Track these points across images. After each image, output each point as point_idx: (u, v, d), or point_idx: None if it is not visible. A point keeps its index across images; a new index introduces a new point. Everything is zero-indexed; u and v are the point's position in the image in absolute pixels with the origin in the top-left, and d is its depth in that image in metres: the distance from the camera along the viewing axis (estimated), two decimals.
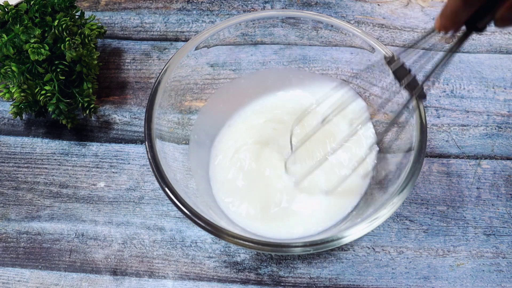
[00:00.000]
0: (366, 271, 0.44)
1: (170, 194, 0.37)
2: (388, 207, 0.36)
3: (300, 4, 0.62)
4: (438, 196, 0.48)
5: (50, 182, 0.50)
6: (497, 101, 0.53)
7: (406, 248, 0.45)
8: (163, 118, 0.43)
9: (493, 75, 0.55)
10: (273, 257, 0.45)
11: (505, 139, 0.51)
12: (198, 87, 0.48)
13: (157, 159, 0.39)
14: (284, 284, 0.44)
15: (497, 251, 0.45)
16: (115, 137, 0.52)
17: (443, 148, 0.51)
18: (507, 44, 0.57)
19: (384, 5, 0.61)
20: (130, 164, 0.50)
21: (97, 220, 0.47)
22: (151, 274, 0.45)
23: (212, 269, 0.45)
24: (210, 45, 0.46)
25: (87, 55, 0.49)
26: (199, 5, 0.61)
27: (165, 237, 0.46)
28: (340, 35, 0.45)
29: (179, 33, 0.59)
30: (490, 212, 0.47)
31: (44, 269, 0.45)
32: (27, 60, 0.47)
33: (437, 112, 0.53)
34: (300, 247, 0.35)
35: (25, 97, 0.48)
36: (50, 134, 0.52)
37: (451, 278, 0.44)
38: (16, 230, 0.47)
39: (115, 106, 0.54)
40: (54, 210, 0.48)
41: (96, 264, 0.45)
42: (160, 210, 0.48)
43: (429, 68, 0.36)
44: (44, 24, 0.48)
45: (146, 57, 0.57)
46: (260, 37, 0.48)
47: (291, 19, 0.46)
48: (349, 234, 0.36)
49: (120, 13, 0.61)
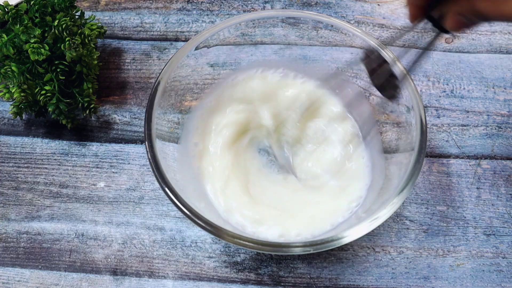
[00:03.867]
0: (366, 271, 0.44)
1: (170, 194, 0.37)
2: (388, 207, 0.37)
3: (300, 4, 0.62)
4: (438, 196, 0.48)
5: (50, 182, 0.50)
6: (497, 101, 0.53)
7: (406, 248, 0.45)
8: (163, 118, 0.43)
9: (493, 75, 0.55)
10: (273, 257, 0.45)
11: (505, 139, 0.51)
12: (198, 87, 0.48)
13: (157, 159, 0.39)
14: (284, 284, 0.44)
15: (497, 251, 0.45)
16: (115, 137, 0.52)
17: (443, 148, 0.51)
18: (507, 44, 0.57)
19: (384, 5, 0.61)
20: (130, 164, 0.50)
21: (97, 220, 0.47)
22: (151, 274, 0.45)
23: (212, 269, 0.45)
24: (210, 45, 0.46)
25: (87, 55, 0.49)
26: (199, 5, 0.61)
27: (165, 237, 0.46)
28: (340, 35, 0.45)
29: (179, 33, 0.59)
30: (490, 212, 0.47)
31: (44, 269, 0.45)
32: (27, 60, 0.47)
33: (437, 112, 0.53)
34: (300, 247, 0.35)
35: (25, 97, 0.48)
36: (50, 134, 0.52)
37: (451, 278, 0.44)
38: (16, 230, 0.47)
39: (115, 106, 0.54)
40: (54, 210, 0.48)
41: (96, 264, 0.45)
42: (160, 210, 0.48)
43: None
44: (44, 24, 0.48)
45: (146, 57, 0.57)
46: (260, 37, 0.48)
47: (291, 19, 0.46)
48: (349, 234, 0.36)
49: (120, 13, 0.61)
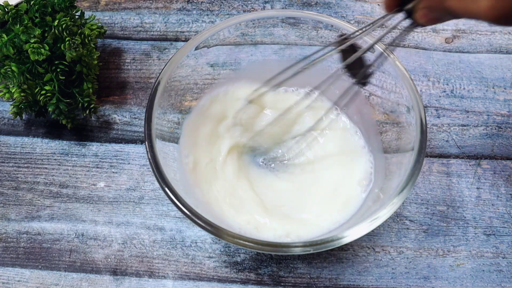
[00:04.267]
0: (366, 271, 0.44)
1: (170, 194, 0.37)
2: (388, 207, 0.36)
3: (300, 4, 0.62)
4: (438, 196, 0.48)
5: (50, 182, 0.50)
6: (497, 101, 0.53)
7: (406, 248, 0.45)
8: (163, 118, 0.43)
9: (493, 75, 0.55)
10: (273, 257, 0.45)
11: (505, 139, 0.51)
12: (198, 87, 0.48)
13: (157, 159, 0.39)
14: (284, 284, 0.44)
15: (497, 251, 0.45)
16: (115, 137, 0.52)
17: (443, 148, 0.51)
18: (507, 44, 0.57)
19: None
20: (130, 164, 0.50)
21: (97, 220, 0.47)
22: (151, 274, 0.45)
23: (212, 269, 0.45)
24: (210, 45, 0.46)
25: (87, 55, 0.49)
26: (199, 5, 0.61)
27: (165, 237, 0.46)
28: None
29: (179, 33, 0.59)
30: (490, 212, 0.47)
31: (44, 269, 0.45)
32: (27, 60, 0.47)
33: (437, 112, 0.53)
34: (300, 247, 0.35)
35: (25, 97, 0.48)
36: (50, 134, 0.52)
37: (451, 278, 0.44)
38: (16, 230, 0.47)
39: (115, 106, 0.54)
40: (54, 210, 0.48)
41: (96, 264, 0.45)
42: (160, 210, 0.48)
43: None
44: (44, 24, 0.48)
45: (146, 57, 0.57)
46: (260, 37, 0.48)
47: (291, 19, 0.46)
48: (349, 234, 0.36)
49: (120, 13, 0.61)
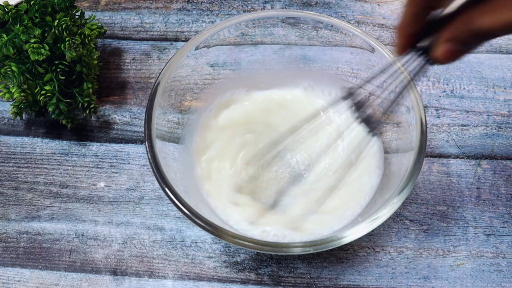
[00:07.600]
0: (366, 271, 0.44)
1: (170, 194, 0.37)
2: (388, 207, 0.36)
3: (300, 4, 0.62)
4: (438, 196, 0.48)
5: (50, 182, 0.50)
6: (497, 101, 0.53)
7: (406, 248, 0.45)
8: (163, 118, 0.43)
9: (493, 75, 0.55)
10: (273, 257, 0.45)
11: (505, 139, 0.51)
12: (198, 87, 0.48)
13: (157, 159, 0.39)
14: (284, 284, 0.44)
15: (497, 251, 0.45)
16: (115, 137, 0.52)
17: (443, 148, 0.51)
18: (507, 44, 0.57)
19: (384, 5, 0.61)
20: (130, 164, 0.50)
21: (97, 220, 0.47)
22: (151, 274, 0.45)
23: (212, 269, 0.45)
24: (210, 45, 0.46)
25: (87, 55, 0.49)
26: (199, 5, 0.61)
27: (165, 237, 0.46)
28: (340, 35, 0.45)
29: (179, 33, 0.59)
30: (490, 212, 0.47)
31: (44, 269, 0.45)
32: (27, 60, 0.47)
33: (437, 112, 0.53)
34: (300, 247, 0.35)
35: (25, 97, 0.48)
36: (50, 134, 0.52)
37: (451, 278, 0.44)
38: (16, 230, 0.47)
39: (115, 106, 0.54)
40: (54, 210, 0.48)
41: (96, 264, 0.45)
42: (160, 210, 0.48)
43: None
44: (44, 24, 0.48)
45: (146, 57, 0.57)
46: (260, 37, 0.48)
47: (291, 19, 0.46)
48: (349, 234, 0.36)
49: (120, 13, 0.61)
